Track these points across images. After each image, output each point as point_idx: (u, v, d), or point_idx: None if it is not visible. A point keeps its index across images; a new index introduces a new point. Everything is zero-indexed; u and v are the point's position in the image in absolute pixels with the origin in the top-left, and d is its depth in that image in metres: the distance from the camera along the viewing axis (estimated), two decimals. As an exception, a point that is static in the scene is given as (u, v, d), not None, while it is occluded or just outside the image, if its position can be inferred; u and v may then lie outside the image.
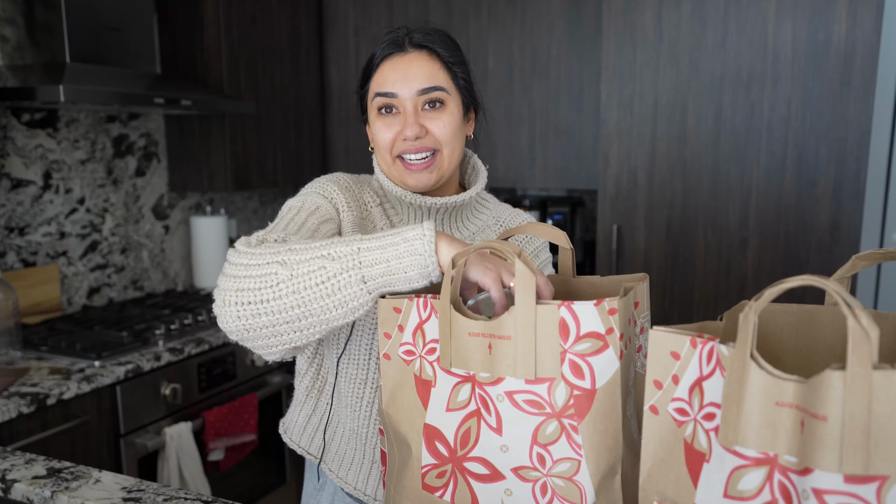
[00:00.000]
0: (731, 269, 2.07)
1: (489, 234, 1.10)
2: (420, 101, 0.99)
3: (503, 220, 1.12)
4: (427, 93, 0.98)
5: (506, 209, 1.14)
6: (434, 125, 0.99)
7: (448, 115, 1.00)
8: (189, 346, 1.99)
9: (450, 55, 1.01)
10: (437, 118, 0.99)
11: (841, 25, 1.87)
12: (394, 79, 0.99)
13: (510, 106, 2.57)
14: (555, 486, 0.74)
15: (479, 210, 1.10)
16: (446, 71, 1.01)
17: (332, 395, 1.08)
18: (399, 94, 0.98)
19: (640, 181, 2.15)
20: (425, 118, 0.99)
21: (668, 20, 2.06)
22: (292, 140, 2.76)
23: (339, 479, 1.08)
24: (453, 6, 2.60)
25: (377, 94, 1.00)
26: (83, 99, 1.83)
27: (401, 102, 0.99)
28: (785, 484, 0.57)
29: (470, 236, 1.08)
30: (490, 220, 1.11)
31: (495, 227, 1.11)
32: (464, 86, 1.03)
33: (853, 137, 1.89)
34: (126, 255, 2.44)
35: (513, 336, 0.72)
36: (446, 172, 1.02)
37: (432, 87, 0.99)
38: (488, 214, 1.11)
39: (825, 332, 0.70)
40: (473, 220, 1.09)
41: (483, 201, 1.12)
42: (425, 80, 0.98)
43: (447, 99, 1.00)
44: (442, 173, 1.01)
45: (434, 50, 1.00)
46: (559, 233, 0.86)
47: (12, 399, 1.57)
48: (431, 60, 1.00)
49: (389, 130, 0.99)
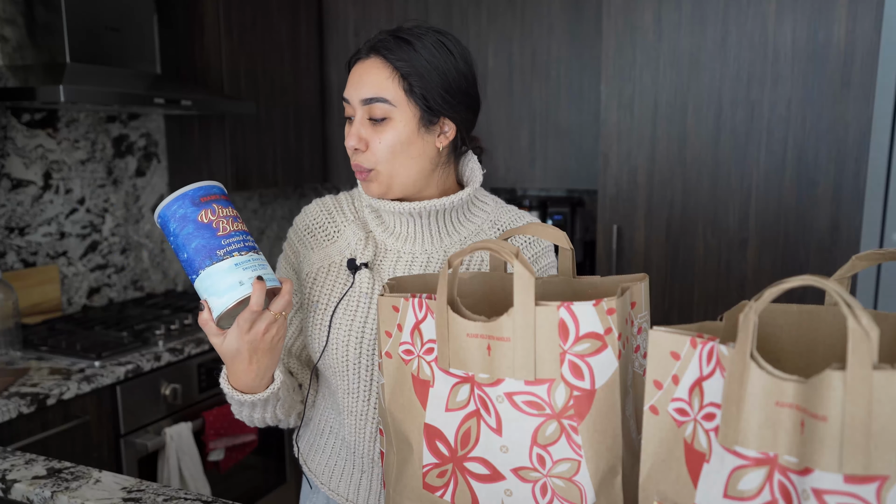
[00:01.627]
0: (731, 269, 2.07)
1: (483, 237, 1.06)
2: (366, 112, 0.96)
3: (502, 222, 1.08)
4: (368, 103, 0.96)
5: (507, 211, 1.09)
6: (373, 141, 0.97)
7: (391, 131, 0.95)
8: (189, 346, 1.99)
9: (406, 63, 0.94)
10: (378, 133, 0.96)
11: (841, 25, 1.87)
12: (350, 84, 0.98)
13: (510, 106, 2.57)
14: (555, 487, 0.74)
15: (473, 213, 1.06)
16: (398, 80, 0.94)
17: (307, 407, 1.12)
18: (351, 100, 0.98)
19: (640, 181, 2.15)
20: (370, 131, 0.97)
21: (668, 20, 2.06)
22: (292, 140, 2.76)
23: (330, 490, 1.09)
24: (453, 6, 2.60)
25: (342, 96, 1.00)
26: (83, 99, 1.83)
27: (353, 110, 0.98)
28: (785, 484, 0.57)
29: (461, 240, 1.05)
30: (486, 224, 1.07)
31: (491, 231, 1.07)
32: (421, 96, 0.95)
33: (853, 137, 1.89)
34: (126, 255, 2.44)
35: (512, 337, 0.72)
36: (394, 186, 0.99)
37: (373, 99, 0.95)
38: (484, 217, 1.07)
39: (825, 332, 0.70)
40: (466, 224, 1.05)
41: (480, 203, 1.08)
42: (369, 90, 0.95)
43: (392, 113, 0.95)
44: (388, 186, 0.99)
45: (385, 57, 0.95)
46: (559, 233, 0.86)
47: (12, 399, 1.57)
48: (382, 68, 0.95)
49: (348, 137, 0.99)
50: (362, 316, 1.02)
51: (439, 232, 1.04)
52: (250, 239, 0.90)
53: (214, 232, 0.86)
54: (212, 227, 0.86)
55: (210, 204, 0.87)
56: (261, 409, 1.00)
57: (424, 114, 0.96)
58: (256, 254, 0.89)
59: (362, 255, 1.04)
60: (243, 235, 0.88)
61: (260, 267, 0.88)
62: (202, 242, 0.86)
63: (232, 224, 0.88)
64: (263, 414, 1.02)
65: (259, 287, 0.85)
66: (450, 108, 0.98)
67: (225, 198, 0.90)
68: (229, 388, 0.98)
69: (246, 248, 0.88)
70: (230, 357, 0.91)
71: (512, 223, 1.08)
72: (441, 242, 1.04)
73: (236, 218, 0.89)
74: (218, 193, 0.89)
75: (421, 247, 1.04)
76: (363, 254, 1.04)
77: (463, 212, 1.05)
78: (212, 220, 0.86)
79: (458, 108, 0.99)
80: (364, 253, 1.04)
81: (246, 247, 0.88)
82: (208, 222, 0.86)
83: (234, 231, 0.88)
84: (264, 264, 0.89)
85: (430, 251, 1.04)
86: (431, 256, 1.03)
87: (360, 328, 1.01)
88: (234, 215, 0.89)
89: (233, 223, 0.88)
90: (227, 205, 0.90)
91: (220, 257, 0.85)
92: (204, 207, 0.87)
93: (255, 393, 0.97)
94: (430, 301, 0.78)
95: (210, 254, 0.86)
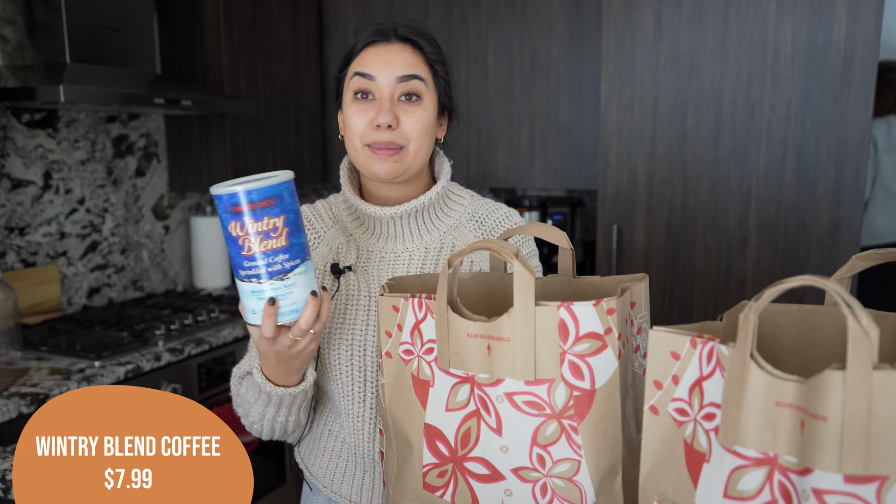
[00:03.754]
0: (731, 269, 2.07)
1: (463, 230, 1.07)
2: (398, 90, 0.97)
3: (480, 215, 1.09)
4: (406, 80, 0.97)
5: (483, 204, 1.11)
6: (407, 119, 0.97)
7: (422, 111, 0.98)
8: (189, 346, 1.99)
9: (433, 52, 1.01)
10: (411, 112, 0.98)
11: (841, 25, 1.87)
12: (374, 63, 0.98)
13: (510, 106, 2.57)
14: (555, 487, 0.74)
15: (449, 207, 1.08)
16: (428, 66, 1.00)
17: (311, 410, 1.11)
18: (378, 78, 0.97)
19: (640, 181, 2.15)
20: (400, 109, 0.98)
21: (668, 20, 2.06)
22: (292, 140, 2.76)
23: (332, 492, 1.09)
24: (453, 6, 2.60)
25: (357, 72, 0.98)
26: (83, 99, 1.83)
27: (378, 88, 0.97)
28: (785, 484, 0.57)
29: (441, 235, 1.06)
30: (464, 217, 1.08)
31: (470, 224, 1.08)
32: (443, 85, 1.02)
33: (853, 137, 1.89)
34: (126, 255, 2.44)
35: (512, 337, 0.72)
36: (411, 167, 1.00)
37: (412, 76, 0.97)
38: (461, 210, 1.08)
39: (825, 332, 0.70)
40: (444, 219, 1.07)
41: (456, 197, 1.09)
42: (405, 68, 0.97)
43: (424, 93, 0.99)
44: (407, 166, 1.00)
45: (418, 44, 1.00)
46: (559, 233, 0.86)
47: (12, 399, 1.57)
48: (414, 53, 0.99)
49: (363, 116, 0.98)
50: (351, 319, 1.02)
51: (419, 229, 1.05)
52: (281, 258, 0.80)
53: (240, 249, 0.80)
54: (238, 243, 0.79)
55: (240, 217, 0.78)
56: (286, 408, 0.98)
57: (440, 100, 1.03)
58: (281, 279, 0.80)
59: (345, 259, 1.05)
60: (270, 258, 0.79)
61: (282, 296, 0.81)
62: (231, 252, 0.81)
63: (261, 243, 0.79)
64: (287, 416, 0.99)
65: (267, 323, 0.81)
66: (451, 101, 1.05)
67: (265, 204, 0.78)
68: (263, 378, 0.95)
69: (270, 274, 0.79)
70: (261, 353, 0.91)
71: (490, 215, 1.09)
72: (422, 239, 1.06)
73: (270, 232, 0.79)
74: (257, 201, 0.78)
75: (402, 245, 1.05)
76: (346, 257, 1.05)
77: (440, 206, 1.07)
78: (239, 235, 0.79)
79: (453, 103, 1.06)
80: (347, 256, 1.05)
81: (269, 272, 0.79)
82: (236, 237, 0.79)
83: (263, 252, 0.79)
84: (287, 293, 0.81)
85: (412, 249, 1.05)
86: (413, 254, 1.05)
87: (349, 331, 1.02)
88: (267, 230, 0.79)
89: (262, 241, 0.79)
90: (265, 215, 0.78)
91: (241, 277, 0.81)
92: (234, 219, 0.78)
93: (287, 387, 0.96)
94: (430, 301, 0.78)
95: (235, 267, 0.81)
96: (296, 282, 0.81)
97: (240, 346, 2.17)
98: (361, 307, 1.02)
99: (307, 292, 0.83)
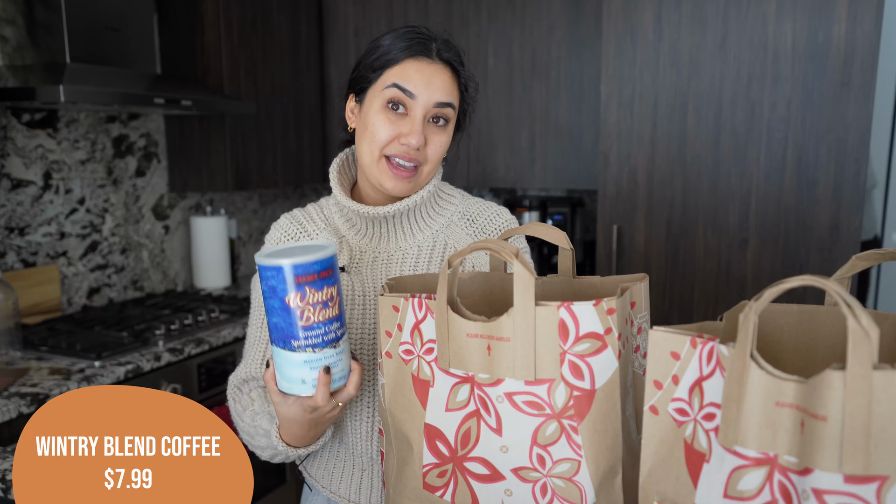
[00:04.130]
0: (731, 269, 2.07)
1: (455, 230, 1.08)
2: (431, 113, 0.99)
3: (471, 213, 1.10)
4: (442, 107, 0.99)
5: (474, 203, 1.12)
6: (432, 142, 1.00)
7: (446, 136, 1.02)
8: (189, 346, 1.99)
9: (466, 76, 1.03)
10: (437, 135, 1.00)
11: (841, 25, 1.87)
12: (417, 80, 0.97)
13: (510, 106, 2.57)
14: (555, 487, 0.74)
15: (441, 206, 1.09)
16: (459, 92, 1.02)
17: None
18: (418, 97, 0.97)
19: (640, 181, 2.15)
20: (429, 131, 0.99)
21: (668, 20, 2.06)
22: (292, 140, 2.76)
23: (331, 493, 1.10)
24: (453, 6, 2.60)
25: (397, 85, 0.97)
26: (83, 99, 1.83)
27: (414, 106, 0.97)
28: (785, 484, 0.57)
29: (433, 234, 1.07)
30: (455, 216, 1.09)
31: (461, 223, 1.09)
32: (465, 109, 1.05)
33: (853, 137, 1.89)
34: (126, 255, 2.44)
35: (512, 337, 0.72)
36: (420, 184, 1.03)
37: (448, 104, 0.99)
38: (452, 209, 1.09)
39: (825, 332, 0.70)
40: (436, 217, 1.08)
41: (447, 196, 1.10)
42: (445, 94, 0.99)
43: (452, 118, 1.01)
44: (418, 184, 1.02)
45: (457, 70, 1.01)
46: (559, 233, 0.86)
47: (12, 399, 1.57)
48: (453, 78, 1.01)
49: (392, 128, 0.98)
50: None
51: (411, 228, 1.06)
52: (335, 326, 0.82)
53: (297, 320, 0.79)
54: (296, 313, 0.79)
55: (303, 287, 0.78)
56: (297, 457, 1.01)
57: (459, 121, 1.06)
58: (334, 347, 0.82)
59: (339, 260, 1.05)
60: (327, 326, 0.81)
61: (334, 364, 0.82)
62: (282, 323, 0.80)
63: (319, 313, 0.79)
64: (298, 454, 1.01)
65: (322, 391, 0.81)
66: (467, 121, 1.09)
67: (325, 274, 0.80)
68: (284, 445, 0.95)
69: (324, 342, 0.81)
70: (287, 420, 0.90)
71: (480, 213, 1.10)
72: (414, 238, 1.07)
73: (328, 301, 0.80)
74: (319, 271, 0.79)
75: (395, 244, 1.06)
76: (339, 258, 1.05)
77: (432, 206, 1.08)
78: (299, 306, 0.78)
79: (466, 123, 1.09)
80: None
81: (325, 341, 0.81)
82: (294, 308, 0.78)
83: (319, 322, 0.80)
84: (338, 360, 0.83)
85: (405, 248, 1.06)
86: (406, 253, 1.06)
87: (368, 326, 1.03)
88: (325, 299, 0.80)
89: (320, 311, 0.80)
90: (325, 285, 0.80)
91: (293, 347, 0.80)
92: (297, 290, 0.78)
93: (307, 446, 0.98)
94: (430, 301, 0.78)
95: (285, 338, 0.80)
96: (344, 349, 0.84)
97: (239, 346, 2.17)
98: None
99: (349, 358, 0.85)
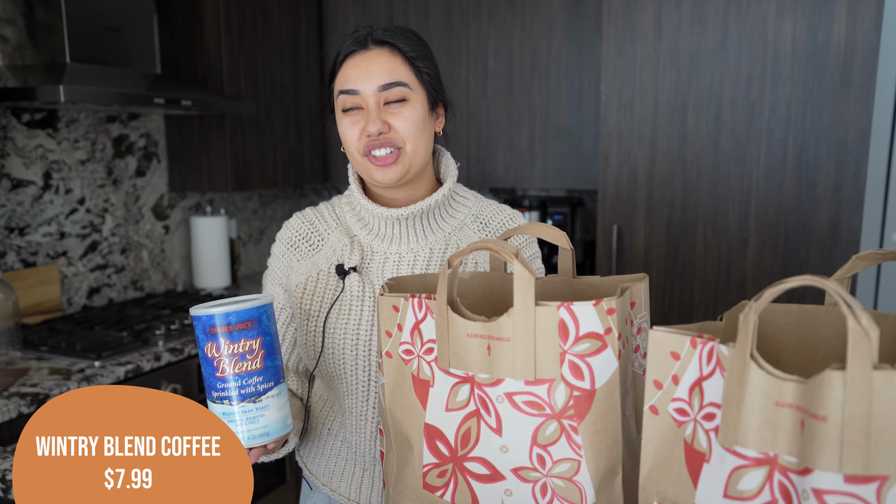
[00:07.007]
0: (731, 269, 2.07)
1: (467, 231, 1.07)
2: (383, 98, 0.98)
3: (484, 216, 1.09)
4: (388, 88, 0.98)
5: (488, 205, 1.11)
6: (397, 121, 0.99)
7: (410, 110, 0.99)
8: (189, 346, 1.99)
9: (412, 50, 1.01)
10: (399, 113, 0.99)
11: (841, 25, 1.87)
12: (355, 76, 0.99)
13: (510, 106, 2.57)
14: (555, 487, 0.74)
15: (454, 208, 1.08)
16: (409, 66, 1.00)
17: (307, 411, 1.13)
18: (361, 90, 0.98)
19: (640, 181, 2.15)
20: (388, 114, 0.99)
21: (668, 20, 2.06)
22: (292, 140, 2.75)
23: (332, 491, 1.10)
24: (453, 6, 2.60)
25: (340, 91, 1.00)
26: (83, 99, 1.83)
27: (363, 99, 0.99)
28: (785, 484, 0.57)
29: (445, 236, 1.06)
30: (468, 218, 1.08)
31: (474, 225, 1.08)
32: (428, 81, 1.02)
33: (853, 137, 1.89)
34: (126, 255, 2.44)
35: (512, 338, 0.72)
36: (413, 167, 1.01)
37: (393, 83, 0.98)
38: (465, 212, 1.09)
39: (825, 332, 0.70)
40: (449, 220, 1.07)
41: (460, 198, 1.10)
42: (386, 76, 0.98)
43: (410, 94, 0.99)
44: (407, 168, 1.01)
45: (396, 45, 1.00)
46: (559, 233, 0.86)
47: (12, 399, 1.57)
48: (393, 56, 0.99)
49: (355, 127, 0.99)
50: (355, 319, 1.02)
51: (423, 230, 1.06)
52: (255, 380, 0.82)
53: (214, 371, 0.82)
54: (213, 364, 0.81)
55: (217, 338, 0.80)
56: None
57: (430, 96, 1.03)
58: (254, 402, 0.82)
59: (350, 260, 1.05)
60: (244, 380, 0.81)
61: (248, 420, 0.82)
62: (205, 373, 0.83)
63: (235, 365, 0.81)
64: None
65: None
66: (442, 93, 1.06)
67: (243, 326, 0.80)
68: None
69: (241, 395, 0.81)
70: None
71: (493, 216, 1.10)
72: (426, 240, 1.06)
73: (246, 354, 0.81)
74: (234, 323, 0.80)
75: (407, 246, 1.06)
76: (350, 258, 1.05)
77: (445, 208, 1.07)
78: (215, 356, 0.81)
79: (444, 95, 1.07)
80: (351, 257, 1.05)
81: (242, 394, 0.81)
82: (211, 358, 0.81)
83: (236, 374, 0.81)
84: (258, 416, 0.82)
85: (416, 250, 1.05)
86: (418, 255, 1.05)
87: (354, 331, 1.02)
88: (242, 352, 0.81)
89: (237, 364, 0.81)
90: (242, 337, 0.80)
91: (213, 398, 0.83)
92: (210, 340, 0.80)
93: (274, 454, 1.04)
94: (430, 301, 0.78)
95: (208, 388, 0.83)
96: (269, 405, 0.83)
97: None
98: (366, 308, 1.02)
99: (280, 415, 0.85)
